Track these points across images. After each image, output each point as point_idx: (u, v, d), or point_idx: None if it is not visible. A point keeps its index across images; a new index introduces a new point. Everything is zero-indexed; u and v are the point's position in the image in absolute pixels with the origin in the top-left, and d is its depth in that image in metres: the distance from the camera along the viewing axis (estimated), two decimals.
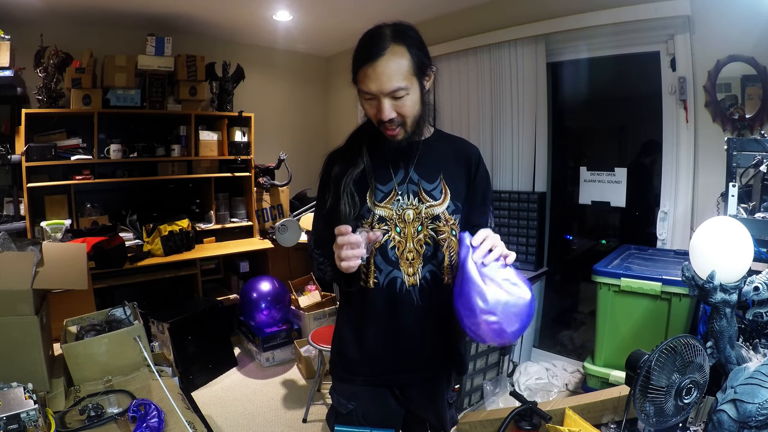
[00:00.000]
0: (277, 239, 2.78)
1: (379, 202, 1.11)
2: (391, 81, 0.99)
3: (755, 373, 1.06)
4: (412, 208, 1.11)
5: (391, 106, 1.01)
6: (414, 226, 1.11)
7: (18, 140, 2.92)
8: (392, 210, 1.11)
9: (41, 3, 2.82)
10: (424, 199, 1.12)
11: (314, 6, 3.20)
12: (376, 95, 1.01)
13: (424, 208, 1.11)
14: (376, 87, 1.00)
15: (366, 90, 1.01)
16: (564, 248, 3.23)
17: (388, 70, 0.99)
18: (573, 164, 3.06)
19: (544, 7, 2.72)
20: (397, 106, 1.02)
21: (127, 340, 1.62)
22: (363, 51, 1.02)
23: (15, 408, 1.14)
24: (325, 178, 1.17)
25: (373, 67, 0.99)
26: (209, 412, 2.54)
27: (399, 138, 1.07)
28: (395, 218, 1.10)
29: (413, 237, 1.11)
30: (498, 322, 0.89)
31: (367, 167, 1.12)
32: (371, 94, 1.01)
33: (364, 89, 1.02)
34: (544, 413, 1.27)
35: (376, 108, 1.03)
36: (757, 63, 2.02)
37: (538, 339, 3.18)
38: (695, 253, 1.21)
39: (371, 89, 1.00)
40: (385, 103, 1.01)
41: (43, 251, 1.59)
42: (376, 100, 1.02)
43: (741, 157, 1.64)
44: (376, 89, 1.00)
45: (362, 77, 1.01)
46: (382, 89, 1.00)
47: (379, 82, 0.99)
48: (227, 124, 3.64)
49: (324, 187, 1.17)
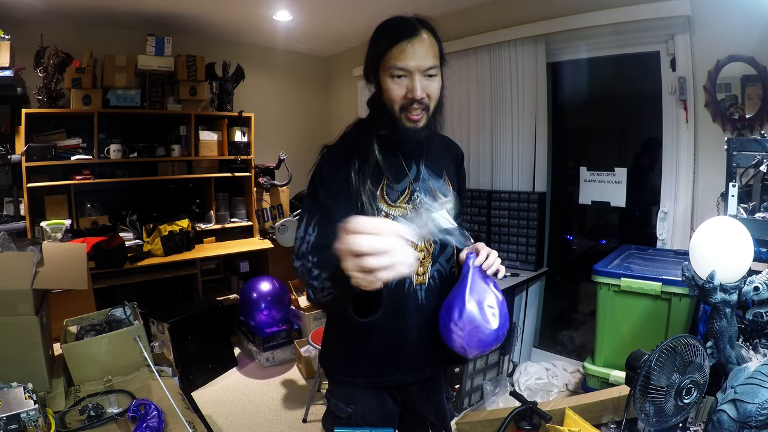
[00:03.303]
0: (277, 239, 2.79)
1: (393, 202, 1.07)
2: (427, 57, 0.99)
3: (755, 373, 1.06)
4: (426, 207, 1.08)
5: (422, 85, 1.00)
6: None
7: (18, 140, 2.92)
8: (407, 209, 1.07)
9: (41, 3, 2.82)
10: (437, 197, 1.10)
11: (314, 6, 3.20)
12: (410, 72, 0.99)
13: (435, 204, 1.08)
14: (414, 62, 0.98)
15: (401, 66, 0.98)
16: (564, 248, 3.23)
17: (425, 47, 0.99)
18: (573, 164, 3.06)
19: (545, 7, 2.72)
20: (427, 86, 1.01)
21: (127, 340, 1.62)
22: (396, 29, 1.00)
23: (15, 408, 1.14)
24: (329, 174, 1.06)
25: (411, 43, 0.98)
26: (209, 412, 2.54)
27: (420, 125, 1.04)
28: (409, 218, 1.06)
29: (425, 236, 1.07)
30: (462, 338, 0.98)
31: (381, 163, 1.06)
32: (405, 71, 0.99)
33: (399, 65, 0.99)
34: (544, 413, 1.27)
35: (407, 87, 1.00)
36: (757, 63, 2.02)
37: (538, 339, 3.18)
38: (695, 253, 1.21)
39: (408, 65, 0.98)
40: (418, 80, 0.99)
41: (43, 251, 1.59)
42: (408, 79, 1.00)
43: (741, 157, 1.64)
44: (414, 65, 0.98)
45: (397, 54, 0.98)
46: (419, 65, 0.98)
47: (417, 58, 0.98)
48: (227, 124, 3.64)
49: (323, 185, 1.05)
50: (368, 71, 1.08)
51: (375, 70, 1.04)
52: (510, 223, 2.95)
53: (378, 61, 1.02)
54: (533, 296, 3.06)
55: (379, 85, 1.04)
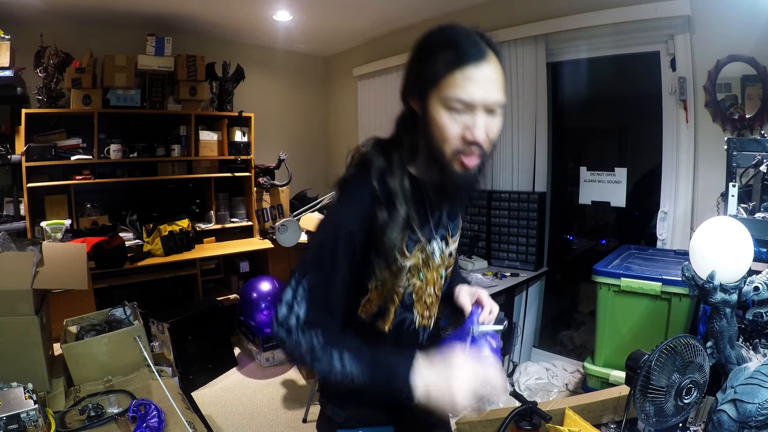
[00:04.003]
0: (277, 239, 2.79)
1: (410, 253, 0.91)
2: (497, 89, 0.80)
3: (755, 373, 1.06)
4: (439, 252, 0.96)
5: (485, 124, 0.81)
6: (438, 271, 0.98)
7: (18, 140, 2.92)
8: (420, 258, 0.93)
9: (41, 3, 2.82)
10: (449, 241, 0.99)
11: (314, 6, 3.20)
12: (474, 106, 0.79)
13: (447, 250, 0.99)
14: (482, 95, 0.78)
15: (466, 99, 0.78)
16: (564, 248, 3.23)
17: (494, 76, 0.80)
18: (573, 164, 3.06)
19: (545, 7, 2.72)
20: (489, 126, 0.82)
21: (127, 340, 1.62)
22: (460, 47, 0.79)
23: (15, 408, 1.14)
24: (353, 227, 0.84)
25: (480, 69, 0.78)
26: (209, 412, 2.54)
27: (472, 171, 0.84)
28: (420, 265, 0.93)
29: (435, 283, 0.98)
30: None
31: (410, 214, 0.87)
32: (469, 104, 0.79)
33: (462, 97, 0.78)
34: (544, 413, 1.27)
35: (465, 124, 0.80)
36: (757, 63, 2.02)
37: (538, 339, 3.18)
38: (695, 253, 1.21)
39: (474, 97, 0.78)
40: (482, 118, 0.80)
41: (43, 251, 1.60)
42: (468, 114, 0.80)
43: (741, 157, 1.64)
44: (481, 98, 0.79)
45: (461, 81, 0.78)
46: (486, 98, 0.79)
47: (485, 89, 0.79)
48: (227, 124, 3.64)
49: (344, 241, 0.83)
50: (411, 91, 0.86)
51: (422, 93, 0.83)
52: (510, 223, 2.95)
53: (430, 84, 0.81)
54: (533, 296, 3.06)
55: (426, 113, 0.83)
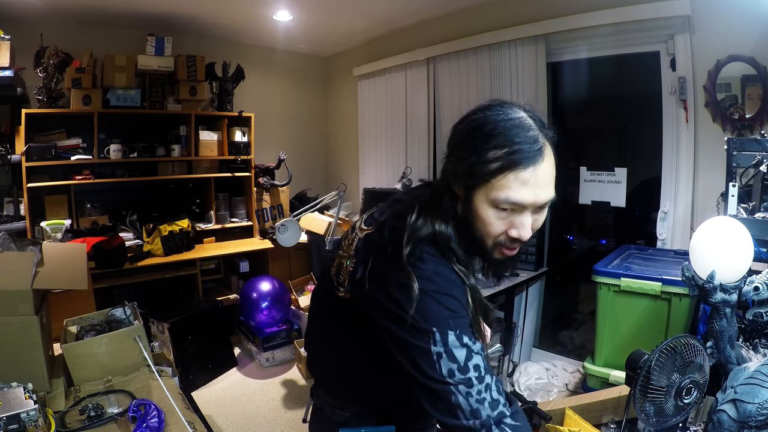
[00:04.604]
0: (277, 239, 2.78)
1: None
2: (549, 187, 0.76)
3: (755, 373, 1.06)
4: None
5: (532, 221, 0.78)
6: None
7: (18, 140, 2.92)
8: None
9: (41, 3, 2.82)
10: None
11: (314, 6, 3.19)
12: (524, 207, 0.76)
13: None
14: (534, 197, 0.74)
15: (517, 200, 0.74)
16: (564, 248, 3.23)
17: (548, 175, 0.75)
18: (573, 164, 3.05)
19: (544, 7, 2.72)
20: (536, 222, 0.79)
21: (127, 340, 1.62)
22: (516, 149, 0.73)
23: (15, 408, 1.14)
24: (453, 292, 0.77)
25: (535, 171, 0.73)
26: (209, 412, 2.54)
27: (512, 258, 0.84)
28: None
29: None
30: None
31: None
32: (519, 206, 0.75)
33: (513, 199, 0.74)
34: (544, 413, 1.28)
35: (512, 223, 0.77)
36: (757, 63, 2.02)
37: (538, 339, 3.18)
38: (695, 253, 1.21)
39: (526, 199, 0.74)
40: (529, 217, 0.77)
41: (43, 251, 1.59)
42: (517, 214, 0.77)
43: (741, 157, 1.64)
44: (533, 199, 0.75)
45: (514, 183, 0.73)
46: (537, 200, 0.75)
47: (537, 192, 0.74)
48: (227, 124, 3.64)
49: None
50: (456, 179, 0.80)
51: (469, 186, 0.78)
52: None
53: (480, 181, 0.75)
54: (533, 296, 3.05)
55: (471, 205, 0.78)
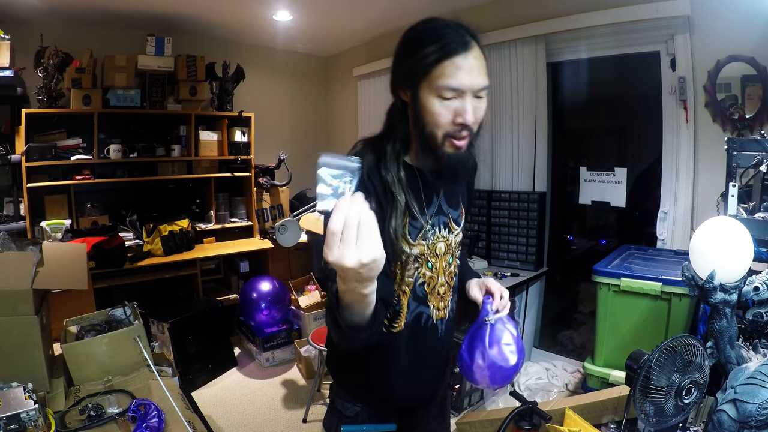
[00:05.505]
0: (277, 239, 2.78)
1: (414, 240, 0.97)
2: (482, 75, 0.88)
3: (755, 373, 1.06)
4: (443, 240, 1.02)
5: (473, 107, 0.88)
6: (446, 258, 1.03)
7: (18, 140, 2.92)
8: (424, 245, 0.99)
9: (41, 3, 2.82)
10: (452, 229, 1.04)
11: (314, 6, 3.19)
12: (463, 92, 0.87)
13: (452, 237, 1.04)
14: (469, 81, 0.86)
15: (454, 85, 0.85)
16: (564, 248, 3.23)
17: (479, 62, 0.88)
18: (573, 164, 3.06)
19: (544, 7, 2.72)
20: (477, 109, 0.89)
21: (127, 340, 1.62)
22: (447, 39, 0.86)
23: (15, 408, 1.14)
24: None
25: (465, 58, 0.85)
26: (209, 412, 2.54)
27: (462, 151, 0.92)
28: (427, 253, 0.99)
29: (445, 270, 1.03)
30: (487, 378, 1.05)
31: (409, 201, 0.94)
32: (457, 91, 0.86)
33: (453, 85, 0.85)
34: (544, 413, 1.27)
35: (456, 110, 0.88)
36: (757, 63, 2.02)
37: (538, 339, 3.18)
38: (695, 253, 1.21)
39: (462, 83, 0.85)
40: (470, 103, 0.87)
41: (43, 251, 1.59)
42: (458, 100, 0.87)
43: (741, 157, 1.64)
44: (469, 83, 0.86)
45: (450, 70, 0.85)
46: (473, 84, 0.86)
47: (472, 76, 0.86)
48: (227, 124, 3.64)
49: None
50: (400, 83, 0.93)
51: (413, 84, 0.90)
52: (510, 223, 2.95)
53: (421, 74, 0.88)
54: (533, 296, 3.06)
55: (417, 103, 0.90)
